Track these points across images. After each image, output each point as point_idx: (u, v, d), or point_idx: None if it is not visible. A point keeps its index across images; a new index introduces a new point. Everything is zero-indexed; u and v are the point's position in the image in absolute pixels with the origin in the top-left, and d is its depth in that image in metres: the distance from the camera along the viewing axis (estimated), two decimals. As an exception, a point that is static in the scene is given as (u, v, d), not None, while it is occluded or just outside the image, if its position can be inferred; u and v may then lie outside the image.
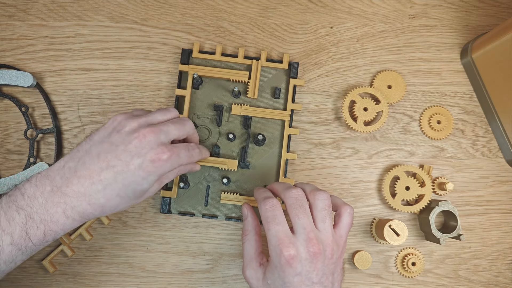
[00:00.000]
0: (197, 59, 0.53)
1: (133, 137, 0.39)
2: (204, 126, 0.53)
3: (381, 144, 0.54)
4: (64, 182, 0.39)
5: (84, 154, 0.40)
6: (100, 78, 0.54)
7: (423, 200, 0.52)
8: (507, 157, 0.54)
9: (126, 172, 0.39)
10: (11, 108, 0.54)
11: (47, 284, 0.52)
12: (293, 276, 0.39)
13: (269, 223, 0.41)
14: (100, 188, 0.39)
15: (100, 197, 0.39)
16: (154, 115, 0.43)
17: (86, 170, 0.39)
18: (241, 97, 0.53)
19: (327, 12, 0.56)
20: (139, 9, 0.55)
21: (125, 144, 0.39)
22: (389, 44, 0.55)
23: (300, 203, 0.41)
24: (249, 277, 0.43)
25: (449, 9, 0.56)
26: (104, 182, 0.39)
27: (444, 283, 0.53)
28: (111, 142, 0.40)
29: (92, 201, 0.39)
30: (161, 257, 0.53)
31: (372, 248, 0.53)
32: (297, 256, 0.39)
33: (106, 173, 0.39)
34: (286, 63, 0.53)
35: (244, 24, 0.55)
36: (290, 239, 0.40)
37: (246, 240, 0.45)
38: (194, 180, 0.52)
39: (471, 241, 0.54)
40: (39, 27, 0.55)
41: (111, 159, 0.39)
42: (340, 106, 0.55)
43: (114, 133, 0.40)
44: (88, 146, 0.41)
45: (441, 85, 0.55)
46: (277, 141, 0.53)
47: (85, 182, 0.39)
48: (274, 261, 0.40)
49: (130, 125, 0.41)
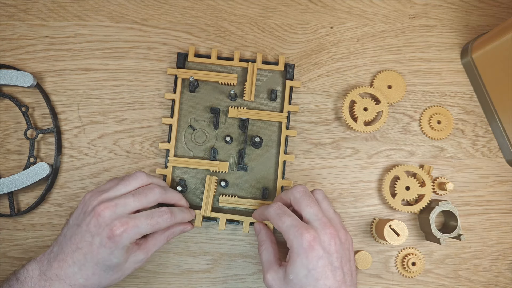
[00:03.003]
0: (192, 63, 0.53)
1: (91, 217, 0.42)
2: (201, 129, 0.53)
3: (381, 144, 0.54)
4: (48, 266, 0.42)
5: (63, 238, 0.43)
6: (100, 78, 0.54)
7: (423, 200, 0.52)
8: (507, 157, 0.54)
9: (91, 252, 0.41)
10: (11, 108, 0.54)
11: (47, 284, 0.52)
12: (316, 260, 0.40)
13: (282, 217, 0.42)
14: (77, 270, 0.41)
15: (79, 277, 0.41)
16: (117, 187, 0.44)
17: (63, 253, 0.42)
18: (237, 100, 0.53)
19: (327, 12, 0.56)
20: (139, 9, 0.55)
21: (86, 224, 0.42)
22: (389, 44, 0.55)
23: (308, 194, 0.44)
24: (271, 279, 0.42)
25: (449, 9, 0.56)
26: (78, 264, 0.41)
27: (444, 283, 0.53)
28: (78, 224, 0.42)
29: (73, 282, 0.41)
30: (161, 257, 0.53)
31: (372, 248, 0.53)
32: (318, 237, 0.40)
33: (77, 255, 0.41)
34: (282, 65, 0.53)
35: (244, 24, 0.55)
36: (306, 225, 0.41)
37: (263, 250, 0.46)
38: (192, 184, 0.52)
39: (471, 241, 0.54)
40: (39, 27, 0.55)
41: (79, 241, 0.42)
42: (340, 106, 0.55)
43: (82, 214, 0.43)
44: (66, 229, 0.44)
45: (441, 85, 0.55)
46: (275, 143, 0.53)
47: (64, 265, 0.41)
48: (296, 250, 0.40)
49: (92, 204, 0.43)
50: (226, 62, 0.53)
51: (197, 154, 0.53)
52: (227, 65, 0.53)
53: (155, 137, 0.54)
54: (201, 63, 0.53)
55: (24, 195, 0.53)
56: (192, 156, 0.53)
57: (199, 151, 0.53)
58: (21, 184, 0.51)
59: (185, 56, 0.53)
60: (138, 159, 0.53)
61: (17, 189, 0.51)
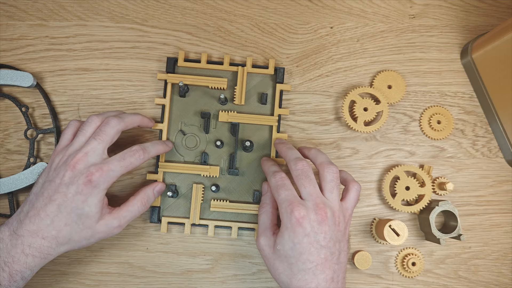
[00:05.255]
0: (182, 68, 0.53)
1: (65, 170, 0.43)
2: (192, 134, 0.53)
3: (381, 144, 0.54)
4: (19, 225, 0.43)
5: (33, 196, 0.44)
6: (100, 78, 0.54)
7: (423, 200, 0.52)
8: (507, 157, 0.54)
9: (66, 202, 0.43)
10: (11, 108, 0.54)
11: (47, 284, 0.52)
12: (302, 236, 0.42)
13: (279, 189, 0.44)
14: (49, 222, 0.42)
15: (51, 229, 0.43)
16: (78, 138, 0.46)
17: (34, 209, 0.43)
18: (228, 104, 0.53)
19: (327, 12, 0.56)
20: (139, 9, 0.55)
21: (60, 178, 0.43)
22: (389, 44, 0.55)
23: (306, 174, 0.44)
24: (262, 244, 0.45)
25: (449, 9, 0.56)
26: (51, 216, 0.43)
27: (444, 283, 0.53)
28: (50, 180, 0.44)
29: (45, 235, 0.42)
30: (161, 257, 0.53)
31: (372, 248, 0.53)
32: (307, 216, 0.42)
33: (50, 207, 0.43)
34: (272, 69, 0.53)
35: (244, 24, 0.55)
36: (300, 201, 0.43)
37: (263, 212, 0.48)
38: (183, 189, 0.52)
39: (471, 241, 0.54)
40: (39, 27, 0.55)
41: (52, 194, 0.43)
42: (340, 106, 0.55)
43: (52, 172, 0.45)
44: (36, 189, 0.45)
45: (441, 85, 0.55)
46: (266, 146, 0.53)
47: (35, 220, 0.42)
48: (285, 223, 0.43)
49: (62, 159, 0.45)
50: (216, 66, 0.53)
51: (188, 159, 0.53)
52: (217, 69, 0.53)
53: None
54: (191, 67, 0.53)
55: (24, 195, 0.53)
56: (183, 161, 0.53)
57: (190, 155, 0.53)
58: (21, 184, 0.51)
59: (174, 61, 0.53)
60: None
61: (17, 189, 0.51)
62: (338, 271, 0.43)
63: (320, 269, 0.42)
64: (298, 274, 0.42)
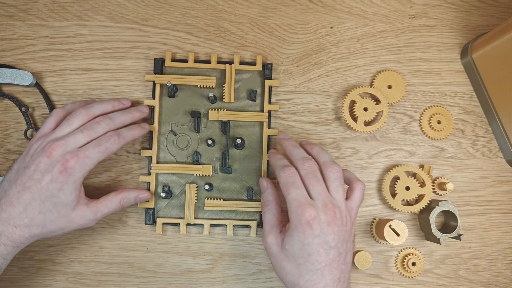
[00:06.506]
0: (170, 68, 0.53)
1: (42, 156, 0.42)
2: (183, 134, 0.53)
3: (381, 144, 0.54)
4: None
5: (6, 182, 0.44)
6: (100, 78, 0.54)
7: (423, 200, 0.52)
8: (507, 157, 0.54)
9: (40, 190, 0.42)
10: (11, 108, 0.54)
11: (47, 284, 0.52)
12: (312, 237, 0.41)
13: (289, 188, 0.43)
14: (22, 210, 0.42)
15: (24, 217, 0.42)
16: (62, 127, 0.45)
17: (7, 196, 0.42)
18: (218, 102, 0.53)
19: (327, 12, 0.56)
20: (139, 9, 0.55)
21: (35, 164, 0.42)
22: (389, 44, 0.55)
23: (314, 174, 0.44)
24: (270, 243, 0.44)
25: (449, 9, 0.56)
26: (23, 203, 0.42)
27: (444, 283, 0.53)
28: (25, 167, 0.43)
29: (17, 223, 0.42)
30: (161, 257, 0.53)
31: (372, 248, 0.53)
32: (317, 217, 0.41)
33: (23, 194, 0.42)
34: (259, 65, 0.53)
35: (244, 24, 0.55)
36: (310, 202, 0.42)
37: (267, 210, 0.47)
38: (176, 189, 0.52)
39: (471, 241, 0.54)
40: (39, 27, 0.55)
41: (26, 181, 0.42)
42: (340, 106, 0.55)
43: (28, 158, 0.44)
44: (9, 175, 0.44)
45: (441, 85, 0.55)
46: (259, 143, 0.53)
47: (7, 207, 0.42)
48: (294, 224, 0.42)
49: (41, 146, 0.44)
50: (204, 65, 0.53)
51: (180, 159, 0.53)
52: (205, 68, 0.53)
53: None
54: (179, 67, 0.53)
55: (24, 195, 0.53)
56: (175, 161, 0.53)
57: (182, 156, 0.53)
58: (21, 184, 0.51)
59: (162, 62, 0.53)
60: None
61: (17, 189, 0.51)
62: (345, 271, 0.43)
63: (328, 269, 0.41)
64: (306, 274, 0.42)
